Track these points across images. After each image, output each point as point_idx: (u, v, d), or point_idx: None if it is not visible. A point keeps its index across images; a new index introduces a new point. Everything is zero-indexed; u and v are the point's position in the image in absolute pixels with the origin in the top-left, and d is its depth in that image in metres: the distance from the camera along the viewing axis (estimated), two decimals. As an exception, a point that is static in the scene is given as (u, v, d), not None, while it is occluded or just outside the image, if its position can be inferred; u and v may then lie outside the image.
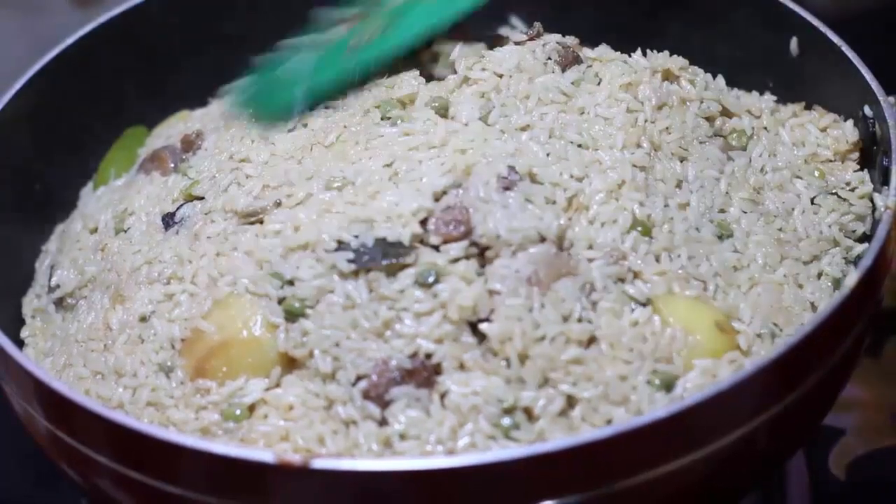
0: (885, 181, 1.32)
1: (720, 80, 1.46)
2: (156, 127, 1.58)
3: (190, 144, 1.45)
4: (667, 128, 1.35)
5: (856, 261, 1.33)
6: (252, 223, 1.31)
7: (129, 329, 1.30)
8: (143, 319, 1.30)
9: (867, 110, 1.39)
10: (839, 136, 1.41)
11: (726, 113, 1.40)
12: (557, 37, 1.42)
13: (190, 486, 1.16)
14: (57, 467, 1.29)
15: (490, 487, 1.12)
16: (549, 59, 1.38)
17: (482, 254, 1.25)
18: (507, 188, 1.27)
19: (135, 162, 1.51)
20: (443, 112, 1.35)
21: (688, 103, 1.38)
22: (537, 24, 1.44)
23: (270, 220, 1.29)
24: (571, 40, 1.43)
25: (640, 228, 1.28)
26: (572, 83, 1.37)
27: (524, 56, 1.38)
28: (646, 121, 1.34)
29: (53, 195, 1.53)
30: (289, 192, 1.30)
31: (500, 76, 1.37)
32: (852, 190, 1.38)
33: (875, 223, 1.34)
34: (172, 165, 1.44)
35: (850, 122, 1.42)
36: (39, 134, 1.51)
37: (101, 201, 1.48)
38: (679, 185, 1.32)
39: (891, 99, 1.36)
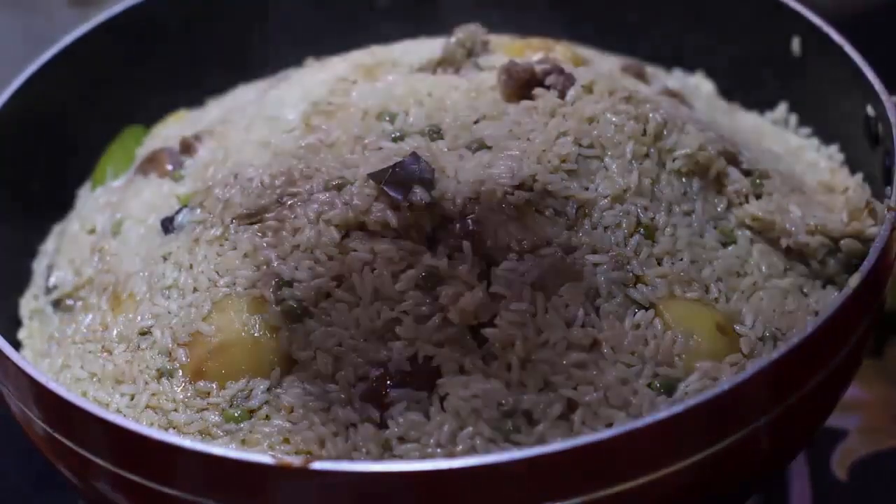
0: (888, 181, 1.32)
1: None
2: (154, 126, 1.58)
3: (188, 147, 1.45)
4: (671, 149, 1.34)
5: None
6: (252, 223, 1.30)
7: (128, 340, 1.29)
8: (143, 333, 1.29)
9: (870, 110, 1.38)
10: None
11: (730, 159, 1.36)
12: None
13: (188, 488, 1.15)
14: (55, 469, 1.29)
15: (490, 490, 1.11)
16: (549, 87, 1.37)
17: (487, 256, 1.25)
18: (518, 199, 1.26)
19: (133, 162, 1.51)
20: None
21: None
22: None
23: (270, 219, 1.29)
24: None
25: (643, 231, 1.27)
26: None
27: None
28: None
29: (51, 195, 1.53)
30: (290, 192, 1.30)
31: None
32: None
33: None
34: (171, 168, 1.43)
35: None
36: (37, 133, 1.51)
37: (98, 202, 1.48)
38: (685, 194, 1.32)
39: (894, 99, 1.35)
